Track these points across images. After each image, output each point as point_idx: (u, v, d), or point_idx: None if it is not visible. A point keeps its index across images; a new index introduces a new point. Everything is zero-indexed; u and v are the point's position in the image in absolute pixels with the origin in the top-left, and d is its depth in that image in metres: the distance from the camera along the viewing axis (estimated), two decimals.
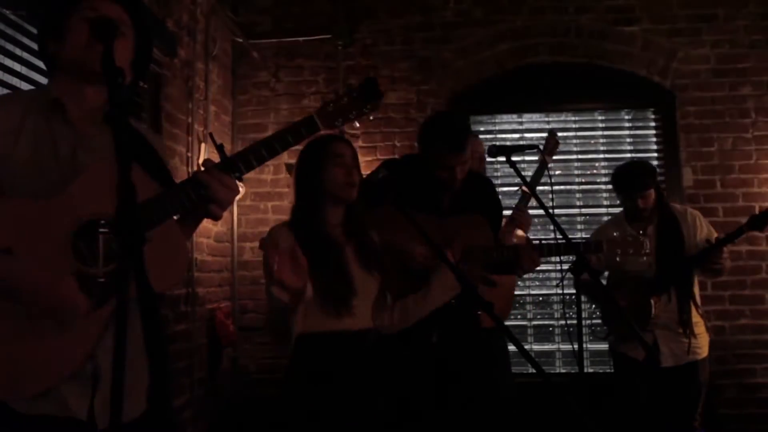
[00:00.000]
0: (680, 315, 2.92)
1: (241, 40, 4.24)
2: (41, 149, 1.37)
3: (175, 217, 1.43)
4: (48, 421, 1.30)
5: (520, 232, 2.85)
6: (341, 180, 2.02)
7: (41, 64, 2.48)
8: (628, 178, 3.03)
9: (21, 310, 1.28)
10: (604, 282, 3.25)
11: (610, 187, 4.25)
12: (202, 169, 1.41)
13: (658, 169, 4.14)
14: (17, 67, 2.36)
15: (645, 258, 2.52)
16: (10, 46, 2.32)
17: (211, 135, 1.54)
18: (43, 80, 2.47)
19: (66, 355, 1.29)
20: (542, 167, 2.84)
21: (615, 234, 2.50)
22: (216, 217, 1.41)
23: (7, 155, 1.35)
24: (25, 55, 2.36)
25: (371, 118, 1.58)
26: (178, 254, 1.41)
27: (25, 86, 2.39)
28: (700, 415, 2.96)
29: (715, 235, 2.99)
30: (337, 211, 2.07)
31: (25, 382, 1.28)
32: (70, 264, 1.29)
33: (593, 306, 3.94)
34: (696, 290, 3.03)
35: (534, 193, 2.42)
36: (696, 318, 2.97)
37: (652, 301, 2.91)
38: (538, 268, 4.11)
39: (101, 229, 1.20)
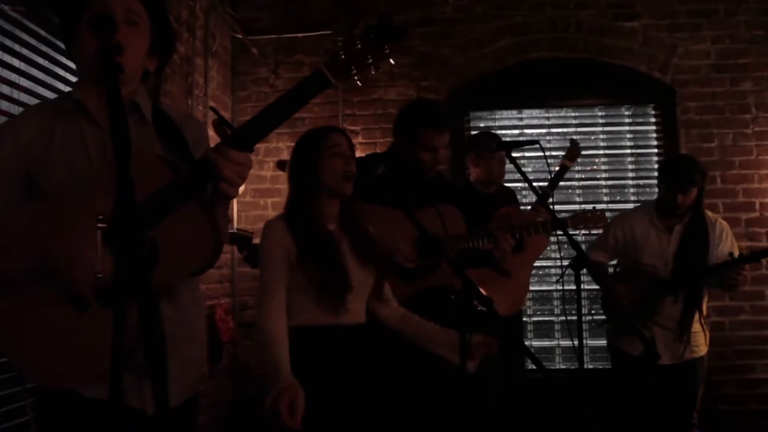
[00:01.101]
0: (681, 318, 2.88)
1: (240, 36, 4.23)
2: (73, 151, 1.41)
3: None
4: (105, 406, 1.34)
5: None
6: (339, 171, 1.98)
7: (41, 61, 2.48)
8: (679, 169, 2.91)
9: (65, 306, 1.31)
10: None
11: (610, 182, 4.28)
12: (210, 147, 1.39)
13: (657, 165, 4.16)
14: (16, 63, 2.35)
15: (601, 228, 2.80)
16: (9, 42, 2.31)
17: (212, 108, 1.50)
18: (43, 77, 2.47)
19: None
20: (562, 171, 2.90)
21: (576, 211, 2.74)
22: (230, 196, 1.36)
23: (42, 159, 1.40)
24: (24, 51, 2.36)
25: (392, 61, 1.32)
26: (200, 237, 1.37)
27: (24, 82, 2.38)
28: (698, 413, 2.94)
29: (737, 251, 2.94)
30: (333, 204, 2.05)
31: (84, 367, 1.33)
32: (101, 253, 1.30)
33: (593, 298, 3.93)
34: (705, 300, 2.99)
35: (548, 206, 2.45)
36: (696, 326, 2.93)
37: (658, 302, 2.88)
38: (538, 264, 4.15)
39: (99, 225, 1.19)
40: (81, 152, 1.41)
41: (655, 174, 3.58)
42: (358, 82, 1.35)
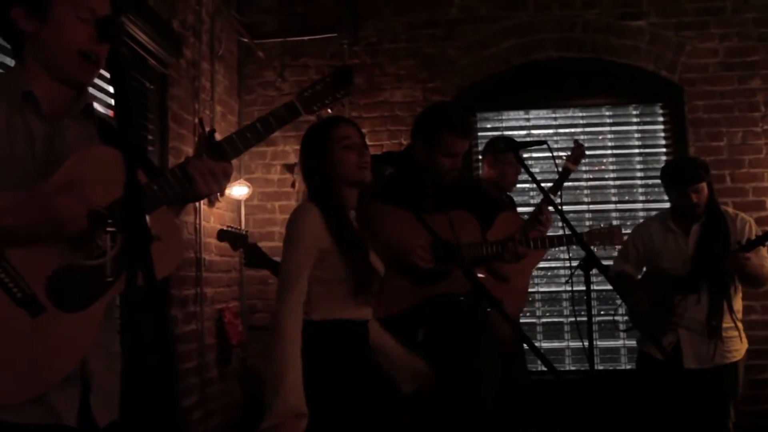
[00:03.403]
0: (708, 319, 2.80)
1: (246, 40, 4.24)
2: (16, 142, 1.30)
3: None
4: (35, 429, 1.24)
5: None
6: (354, 162, 1.95)
7: None
8: (682, 170, 2.88)
9: (14, 312, 1.21)
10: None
11: (618, 183, 4.26)
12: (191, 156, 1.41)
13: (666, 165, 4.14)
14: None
15: (617, 247, 2.73)
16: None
17: (200, 121, 1.56)
18: None
19: (59, 359, 1.24)
20: (565, 174, 2.87)
21: (591, 226, 2.61)
22: (198, 199, 1.45)
23: None
24: None
25: (343, 105, 1.69)
26: (174, 238, 1.40)
27: None
28: (733, 424, 2.85)
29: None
30: (352, 195, 2.01)
31: (13, 388, 1.21)
32: (65, 255, 1.26)
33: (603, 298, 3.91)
34: (738, 298, 2.91)
35: (555, 206, 2.41)
36: (728, 323, 2.83)
37: (675, 301, 2.83)
38: (547, 265, 4.13)
39: (108, 228, 1.19)
40: (24, 144, 1.31)
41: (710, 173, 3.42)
42: (315, 117, 1.72)
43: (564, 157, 3.00)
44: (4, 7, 1.34)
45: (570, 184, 4.21)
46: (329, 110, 1.67)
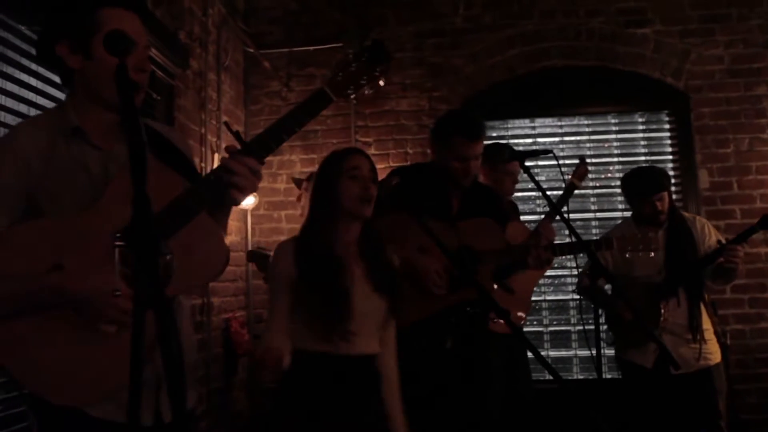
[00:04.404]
0: (690, 319, 2.86)
1: (252, 51, 4.27)
2: (76, 172, 1.40)
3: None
4: (119, 428, 1.31)
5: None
6: (356, 194, 1.94)
7: (57, 79, 2.50)
8: (645, 180, 2.98)
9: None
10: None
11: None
12: (226, 155, 1.43)
13: (673, 172, 4.13)
14: (33, 81, 2.38)
15: (653, 254, 2.65)
16: (25, 61, 2.34)
17: (226, 123, 1.55)
18: (59, 95, 2.49)
19: (126, 360, 1.31)
20: (570, 190, 2.88)
21: (598, 234, 2.54)
22: (237, 203, 1.43)
23: (41, 177, 1.38)
24: (41, 70, 2.39)
25: (382, 83, 1.51)
26: (215, 245, 1.43)
27: (41, 101, 2.41)
28: (726, 425, 2.87)
29: (724, 241, 2.93)
30: (353, 227, 1.99)
31: (89, 387, 1.31)
32: (119, 270, 1.31)
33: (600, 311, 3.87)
34: (706, 295, 2.97)
35: (560, 214, 2.40)
36: (706, 325, 2.90)
37: (662, 306, 2.85)
38: (554, 273, 4.12)
39: (116, 243, 1.21)
40: (82, 173, 1.41)
41: (672, 181, 3.55)
42: (354, 99, 1.45)
43: (570, 172, 2.99)
44: (50, 44, 1.43)
45: (576, 191, 4.17)
46: (368, 91, 1.49)
